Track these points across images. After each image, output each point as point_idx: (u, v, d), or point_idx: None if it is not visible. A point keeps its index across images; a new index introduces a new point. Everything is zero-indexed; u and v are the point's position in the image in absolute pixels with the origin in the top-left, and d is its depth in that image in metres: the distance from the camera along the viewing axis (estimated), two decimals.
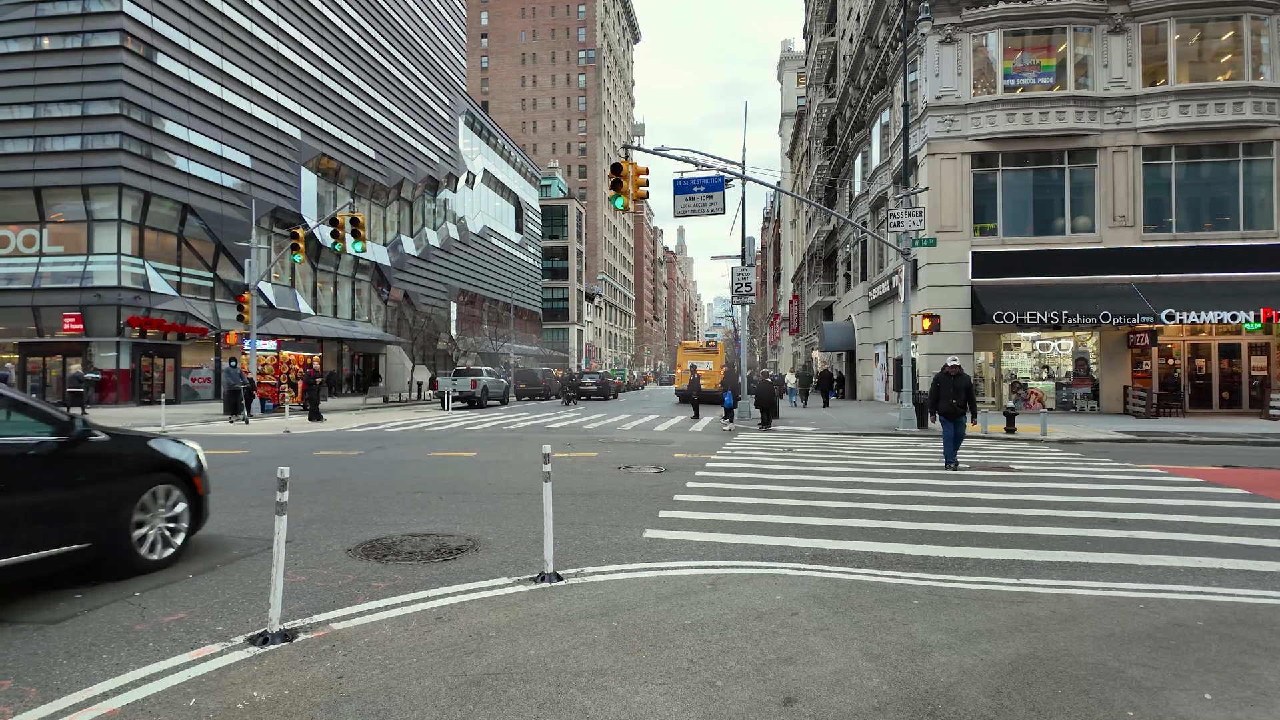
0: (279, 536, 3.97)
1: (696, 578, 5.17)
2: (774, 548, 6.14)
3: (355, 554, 5.87)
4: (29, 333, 29.30)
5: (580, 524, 7.01)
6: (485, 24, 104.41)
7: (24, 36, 29.10)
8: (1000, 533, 6.75)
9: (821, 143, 49.15)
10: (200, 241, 33.04)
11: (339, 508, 7.87)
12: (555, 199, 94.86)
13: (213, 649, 3.85)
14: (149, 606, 4.54)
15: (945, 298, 23.42)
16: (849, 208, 35.58)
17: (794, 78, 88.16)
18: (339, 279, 44.96)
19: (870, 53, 33.16)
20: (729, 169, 17.83)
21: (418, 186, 54.02)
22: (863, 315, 34.53)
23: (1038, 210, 24.22)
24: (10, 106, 28.96)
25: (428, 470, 10.98)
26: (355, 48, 45.46)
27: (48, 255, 29.22)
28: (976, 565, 5.69)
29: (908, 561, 5.76)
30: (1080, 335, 24.28)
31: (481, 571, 5.37)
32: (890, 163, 28.44)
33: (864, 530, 6.80)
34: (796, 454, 13.11)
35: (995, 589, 5.02)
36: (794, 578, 5.18)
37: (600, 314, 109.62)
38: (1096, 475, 10.52)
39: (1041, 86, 24.01)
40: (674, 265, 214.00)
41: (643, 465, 11.38)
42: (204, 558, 5.76)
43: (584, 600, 4.66)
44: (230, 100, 34.27)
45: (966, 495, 8.72)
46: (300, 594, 4.81)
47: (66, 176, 28.68)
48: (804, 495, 8.67)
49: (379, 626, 4.19)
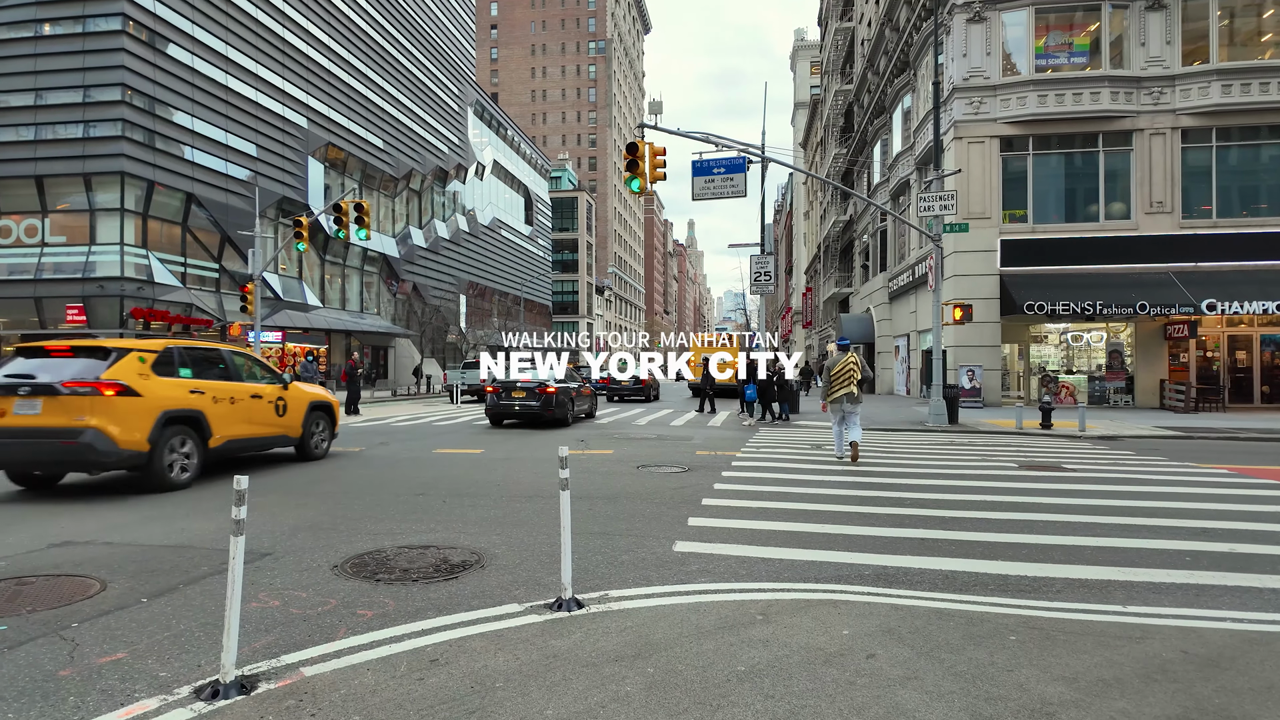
0: (234, 562, 3.17)
1: (743, 604, 4.35)
2: (826, 564, 5.31)
3: (342, 571, 5.08)
4: (31, 324, 28.79)
5: (600, 533, 6.20)
6: (495, 14, 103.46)
7: (25, 22, 28.47)
8: (1083, 545, 5.89)
9: (838, 131, 48.06)
10: (205, 232, 32.41)
11: (330, 512, 7.10)
12: (565, 191, 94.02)
13: (148, 705, 3.06)
14: (84, 642, 3.75)
15: (972, 287, 22.45)
16: (867, 196, 34.55)
17: (807, 67, 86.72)
18: (347, 271, 44.29)
19: (891, 36, 32.09)
20: (749, 150, 16.94)
21: (426, 177, 53.26)
22: (882, 307, 33.55)
23: (1070, 196, 23.20)
24: (11, 94, 28.36)
25: (431, 469, 10.21)
26: (364, 36, 44.68)
27: (50, 245, 28.67)
28: (1068, 587, 4.84)
29: (986, 582, 4.92)
30: (1114, 326, 23.25)
31: (487, 595, 4.57)
32: (913, 148, 27.42)
33: (925, 543, 5.95)
34: (826, 452, 12.27)
35: (1102, 620, 4.18)
36: (859, 605, 4.35)
37: (610, 307, 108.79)
38: (1160, 476, 9.63)
39: (1074, 67, 22.95)
40: (684, 258, 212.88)
41: (663, 464, 10.56)
42: (166, 574, 4.98)
43: (611, 636, 3.85)
44: (236, 88, 33.57)
45: (1026, 500, 7.86)
46: (271, 624, 4.02)
47: (68, 165, 28.07)
48: (846, 500, 7.83)
49: (360, 672, 3.39)
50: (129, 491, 8.24)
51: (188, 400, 8.71)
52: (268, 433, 10.21)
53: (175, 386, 8.62)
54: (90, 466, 7.97)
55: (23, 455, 7.80)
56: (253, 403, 9.82)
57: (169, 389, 8.50)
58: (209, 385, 9.17)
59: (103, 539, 5.99)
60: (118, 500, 7.76)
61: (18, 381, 7.81)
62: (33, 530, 6.30)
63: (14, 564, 5.24)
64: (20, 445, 7.67)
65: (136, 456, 8.00)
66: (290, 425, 10.63)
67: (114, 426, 7.77)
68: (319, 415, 11.33)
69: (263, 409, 10.02)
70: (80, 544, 5.82)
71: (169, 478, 8.32)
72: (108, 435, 7.71)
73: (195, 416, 8.77)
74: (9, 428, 7.64)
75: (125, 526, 6.45)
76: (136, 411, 8.00)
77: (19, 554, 5.51)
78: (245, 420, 9.66)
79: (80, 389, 7.74)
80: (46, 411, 7.67)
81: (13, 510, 7.20)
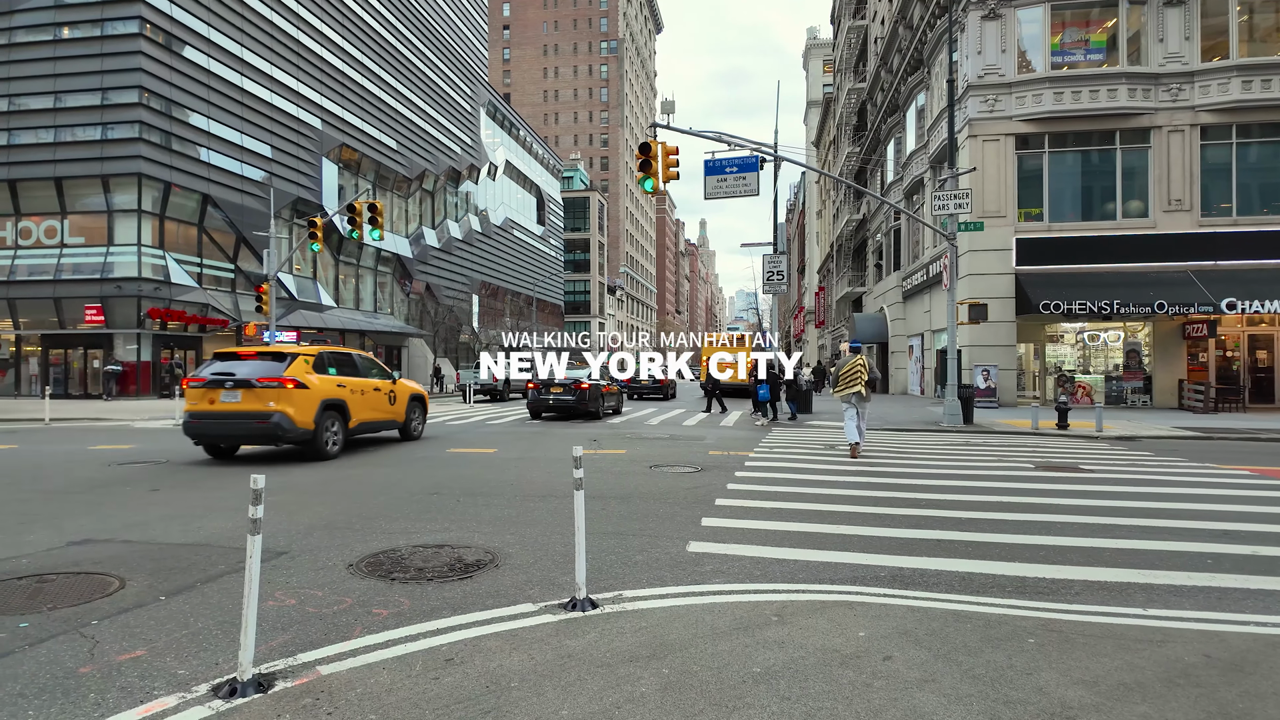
0: (251, 561, 3.19)
1: (758, 605, 4.33)
2: (842, 565, 5.27)
3: (357, 570, 5.10)
4: (51, 324, 29.14)
5: (614, 533, 6.20)
6: (507, 15, 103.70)
7: (44, 26, 28.82)
8: (1101, 547, 5.82)
9: (851, 129, 47.83)
10: (221, 232, 32.68)
11: (346, 511, 7.13)
12: (577, 190, 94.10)
13: (166, 703, 3.08)
14: (104, 639, 3.79)
15: (987, 287, 22.28)
16: (881, 195, 34.34)
17: (819, 65, 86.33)
18: (361, 271, 44.56)
19: (904, 34, 31.90)
20: (761, 149, 16.89)
21: (439, 178, 53.48)
22: (896, 306, 33.36)
23: (1086, 194, 22.98)
24: (31, 96, 28.71)
25: (445, 468, 10.24)
26: (377, 37, 44.92)
27: (69, 246, 29.01)
28: (1087, 589, 4.79)
29: (1004, 584, 4.87)
30: (1131, 326, 23.01)
31: (501, 594, 4.57)
32: (927, 146, 27.25)
33: (941, 544, 5.90)
34: (840, 452, 12.21)
35: (1123, 623, 4.13)
36: (875, 607, 4.32)
37: (622, 307, 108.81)
38: (1179, 478, 9.51)
39: (1091, 63, 22.73)
40: (696, 258, 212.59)
41: (676, 464, 10.55)
42: (184, 572, 5.02)
43: (625, 636, 3.84)
44: (251, 90, 33.84)
45: (1043, 501, 7.79)
46: (287, 623, 4.05)
47: (87, 167, 28.39)
48: (861, 500, 7.78)
49: (376, 671, 3.40)
50: (208, 479, 8.32)
51: (336, 392, 11.42)
52: (384, 418, 12.91)
53: (328, 381, 11.31)
54: (276, 440, 10.65)
55: (227, 431, 10.75)
56: (375, 394, 12.57)
57: (325, 383, 11.20)
58: (348, 380, 11.80)
59: (121, 537, 6.05)
60: (137, 499, 7.84)
61: (223, 377, 10.64)
62: (53, 528, 6.37)
63: (35, 561, 5.30)
64: (226, 423, 10.61)
65: (306, 433, 10.69)
66: (397, 412, 13.35)
67: (293, 410, 10.50)
68: (416, 404, 14.11)
69: (381, 399, 12.76)
70: (100, 542, 5.88)
71: (326, 450, 11.04)
72: (289, 417, 10.47)
73: (341, 404, 11.49)
74: (217, 411, 10.57)
75: (143, 525, 6.51)
76: (306, 400, 10.72)
77: (39, 552, 5.57)
78: (371, 408, 12.42)
79: (270, 383, 10.48)
80: (245, 400, 10.49)
81: (33, 508, 7.28)
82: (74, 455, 11.70)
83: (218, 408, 10.56)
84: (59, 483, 8.84)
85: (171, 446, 12.90)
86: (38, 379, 29.21)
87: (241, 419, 10.51)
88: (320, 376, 11.15)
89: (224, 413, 10.55)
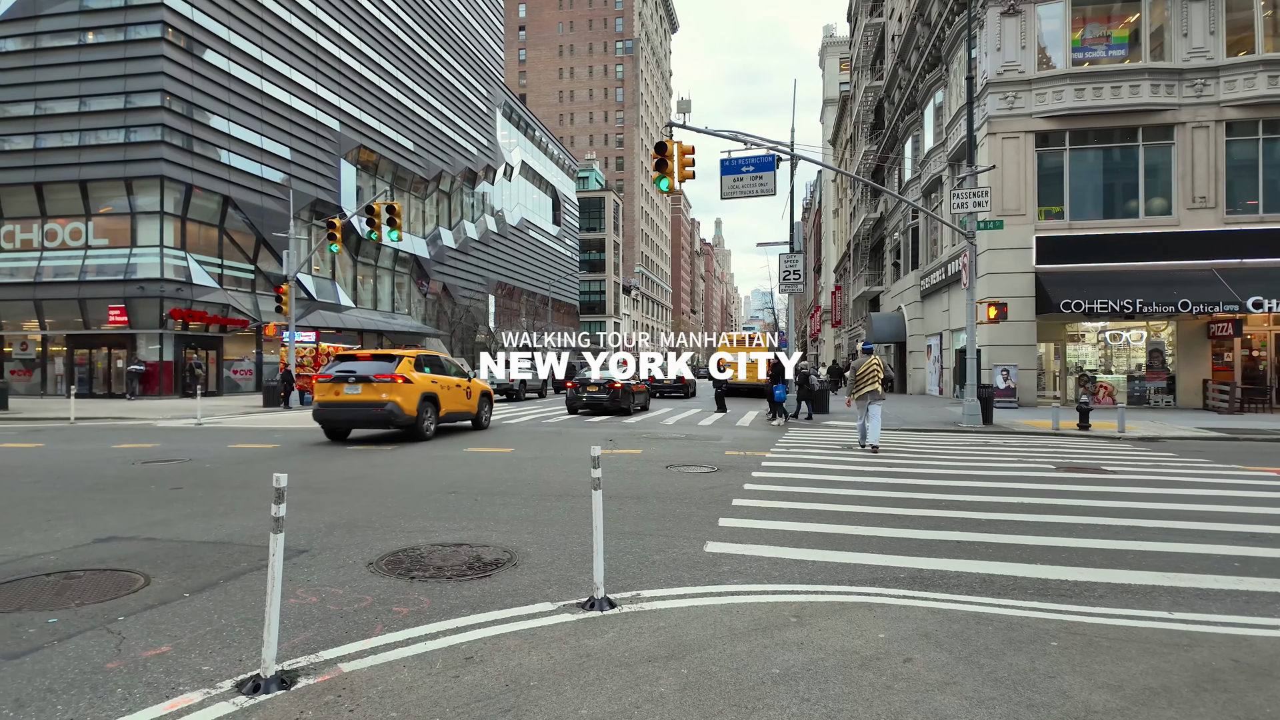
0: (274, 559, 3.22)
1: (776, 607, 4.31)
2: (861, 567, 5.24)
3: (377, 568, 5.14)
4: (76, 325, 29.59)
5: (631, 533, 6.20)
6: (523, 16, 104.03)
7: (69, 31, 29.27)
8: (1125, 549, 5.75)
9: (868, 127, 47.53)
10: (241, 234, 33.04)
11: (366, 510, 7.19)
12: (592, 191, 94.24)
13: (191, 698, 3.12)
14: (130, 635, 3.84)
15: (1007, 286, 22.04)
16: (899, 193, 34.07)
17: (836, 63, 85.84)
18: (379, 272, 44.88)
19: (922, 30, 31.65)
20: (778, 148, 16.81)
21: (456, 179, 53.75)
22: (914, 305, 33.10)
23: (1108, 192, 22.67)
24: (57, 101, 29.18)
25: (462, 467, 10.29)
26: (394, 40, 45.22)
27: (93, 248, 29.43)
28: (1111, 592, 4.73)
29: (1026, 586, 4.82)
30: (1154, 325, 22.68)
31: (520, 594, 4.59)
32: (945, 144, 27.02)
33: (962, 545, 5.85)
34: (858, 453, 12.14)
35: (1148, 626, 4.07)
36: (895, 608, 4.29)
37: (638, 307, 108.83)
38: (1204, 479, 9.36)
39: (1112, 59, 22.43)
40: (711, 257, 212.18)
41: (692, 464, 10.53)
42: (207, 570, 5.08)
43: (643, 636, 3.84)
44: (270, 92, 34.18)
45: (1065, 502, 7.70)
46: (309, 621, 4.08)
47: (110, 169, 28.80)
48: (879, 501, 7.74)
49: (397, 668, 3.43)
50: (229, 477, 8.43)
51: (431, 387, 14.02)
52: (463, 409, 15.38)
53: (425, 378, 13.94)
54: (387, 424, 13.25)
55: (349, 416, 13.45)
56: (457, 390, 15.13)
57: (423, 379, 13.86)
58: (438, 378, 14.43)
59: (145, 534, 6.13)
60: (160, 497, 7.94)
61: (346, 373, 13.44)
62: (79, 526, 6.47)
63: (62, 558, 5.39)
64: (348, 410, 13.32)
65: (410, 419, 13.30)
66: (472, 405, 15.80)
67: (401, 400, 13.15)
68: (485, 399, 16.52)
69: (461, 394, 15.28)
70: (124, 539, 5.97)
71: (425, 433, 13.71)
72: (399, 406, 13.09)
73: (435, 397, 14.12)
74: (341, 401, 13.30)
75: (167, 523, 6.60)
76: (410, 392, 13.38)
77: (66, 549, 5.66)
78: (454, 401, 14.95)
79: (384, 378, 13.18)
80: (364, 392, 13.17)
81: (60, 506, 7.40)
82: (98, 454, 11.88)
83: (342, 398, 13.28)
84: (84, 481, 8.98)
85: (193, 445, 13.06)
86: (63, 378, 29.66)
87: (361, 407, 13.14)
88: (419, 374, 13.73)
89: (347, 402, 13.25)
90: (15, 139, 29.50)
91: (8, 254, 29.96)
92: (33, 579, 4.86)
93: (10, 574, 4.99)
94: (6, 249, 30.03)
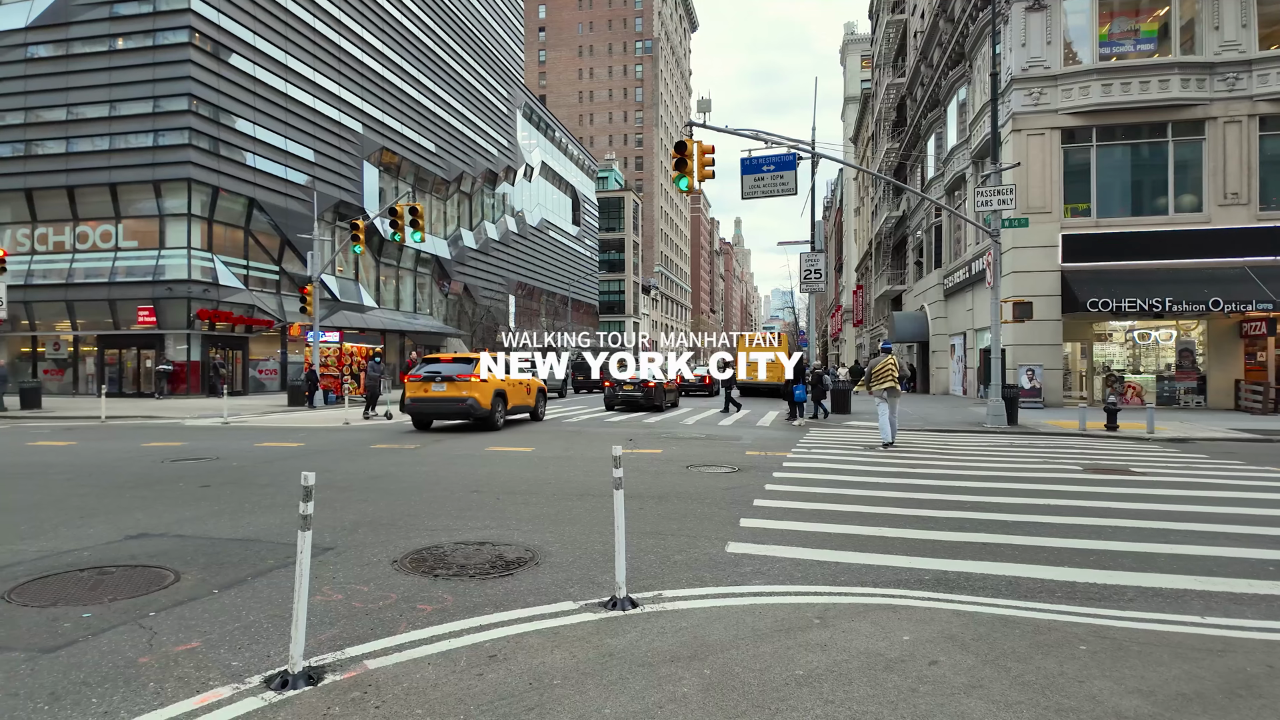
0: (302, 556, 3.27)
1: (799, 608, 4.29)
2: (884, 569, 5.20)
3: (401, 566, 5.19)
4: (106, 325, 30.16)
5: (652, 533, 6.20)
6: (543, 17, 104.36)
7: (99, 37, 29.83)
8: (1155, 552, 5.65)
9: (890, 125, 47.12)
10: (266, 235, 33.49)
11: (390, 508, 7.26)
12: (612, 191, 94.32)
13: (221, 693, 3.17)
14: (161, 631, 3.91)
15: (1032, 284, 21.74)
16: (921, 191, 33.74)
17: (857, 61, 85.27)
18: (401, 272, 45.27)
19: (945, 27, 31.32)
20: (799, 146, 16.72)
21: (477, 180, 54.05)
22: (937, 304, 32.76)
23: (1136, 189, 22.29)
24: (88, 105, 29.76)
25: (484, 466, 10.36)
26: (416, 42, 45.57)
27: (123, 250, 29.97)
28: (1140, 596, 4.65)
29: (1053, 589, 4.75)
30: (1184, 324, 22.26)
31: (542, 592, 4.61)
32: (969, 142, 26.72)
33: (987, 547, 5.78)
34: (880, 453, 12.04)
35: (1180, 631, 4.00)
36: (920, 610, 4.25)
37: (657, 307, 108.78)
38: (1237, 481, 9.17)
39: (1141, 54, 22.04)
40: (731, 257, 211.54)
41: (713, 464, 10.51)
42: (235, 567, 5.16)
43: (666, 636, 3.84)
44: (294, 95, 34.59)
45: (1092, 504, 7.58)
46: (335, 618, 4.13)
47: (139, 173, 29.31)
48: (903, 502, 7.67)
49: (421, 666, 3.46)
50: (255, 476, 8.57)
51: (501, 384, 16.35)
52: (523, 404, 17.84)
53: (495, 377, 16.15)
54: (468, 416, 15.64)
55: (436, 409, 15.86)
56: (520, 386, 17.59)
57: (494, 378, 16.06)
58: (506, 377, 16.65)
59: (175, 532, 6.24)
60: (189, 495, 8.08)
61: (433, 374, 15.94)
62: (110, 523, 6.60)
63: (95, 554, 5.50)
64: (436, 404, 15.73)
65: (486, 412, 15.61)
66: (531, 400, 18.21)
67: (479, 396, 15.46)
68: (540, 395, 18.92)
69: (523, 390, 17.80)
70: (155, 536, 6.08)
71: (497, 424, 16.08)
72: (478, 400, 15.44)
73: (504, 392, 16.49)
74: (430, 396, 15.71)
75: (196, 520, 6.71)
76: (486, 389, 15.70)
77: (99, 545, 5.78)
78: (518, 396, 17.42)
79: (465, 378, 15.57)
80: (448, 389, 15.54)
81: (91, 503, 7.56)
82: (128, 452, 12.10)
83: (430, 394, 15.72)
84: (115, 478, 9.16)
85: (220, 444, 13.26)
86: (94, 378, 30.24)
87: (446, 401, 15.56)
88: (490, 373, 16.11)
89: (434, 398, 15.67)
90: (48, 143, 30.13)
91: (41, 256, 30.61)
92: (68, 574, 4.97)
93: (46, 569, 5.11)
94: (40, 251, 30.68)
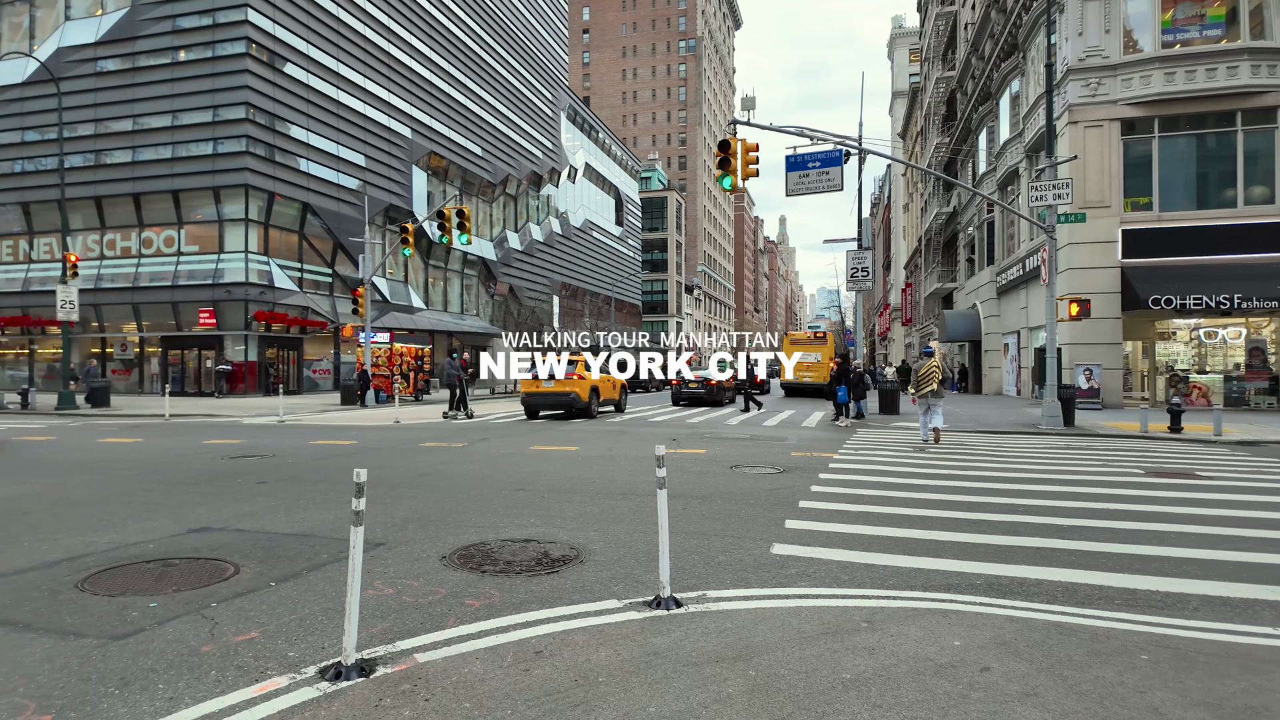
0: (354, 551, 3.36)
1: (846, 611, 4.24)
2: (934, 572, 5.10)
3: (450, 562, 5.28)
4: (169, 327, 31.41)
5: (696, 533, 6.19)
6: (587, 19, 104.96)
7: (162, 50, 31.07)
8: (1222, 560, 5.42)
9: (939, 119, 46.12)
10: (319, 239, 34.44)
11: (438, 505, 7.40)
12: (655, 190, 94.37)
13: (279, 682, 3.28)
14: (222, 621, 4.07)
15: (1089, 281, 21.05)
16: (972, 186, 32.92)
17: (905, 55, 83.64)
18: (449, 274, 46.06)
19: (997, 18, 30.50)
20: (845, 142, 16.49)
21: (522, 182, 54.68)
22: (989, 303, 31.94)
23: (1201, 181, 21.38)
24: (152, 116, 31.03)
25: (529, 465, 10.48)
26: (463, 47, 46.31)
27: (185, 254, 31.17)
28: (1206, 605, 4.46)
29: (1112, 596, 4.60)
30: (1255, 321, 21.28)
31: (587, 590, 4.64)
32: (1022, 135, 25.98)
33: (1041, 552, 5.62)
34: (930, 455, 11.80)
35: (1249, 642, 3.83)
36: (971, 616, 4.16)
37: (700, 306, 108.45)
38: None
39: (1207, 40, 21.12)
40: (775, 255, 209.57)
41: (757, 465, 10.44)
42: (290, 560, 5.33)
43: (710, 636, 3.83)
44: (346, 102, 35.50)
45: (1154, 509, 7.30)
46: (386, 612, 4.23)
47: (199, 180, 30.44)
48: (953, 505, 7.50)
49: (469, 660, 3.52)
50: (308, 472, 8.86)
51: (595, 380, 19.54)
52: (611, 397, 21.14)
53: (590, 374, 19.32)
54: (571, 408, 18.70)
55: (545, 402, 18.96)
56: (608, 382, 20.89)
57: (590, 376, 19.35)
58: (599, 374, 20.00)
59: (234, 526, 6.47)
60: (246, 491, 8.36)
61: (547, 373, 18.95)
62: (173, 517, 6.87)
63: (159, 547, 5.74)
64: (545, 398, 18.89)
65: (585, 404, 18.88)
66: (616, 394, 21.57)
67: (580, 391, 18.73)
68: (624, 390, 22.33)
69: (610, 386, 21.03)
70: (215, 530, 6.31)
71: (593, 414, 19.19)
72: (578, 394, 18.65)
73: (598, 388, 19.71)
74: (540, 391, 18.93)
75: (253, 515, 6.94)
76: (585, 385, 18.94)
77: (163, 538, 6.03)
78: (607, 391, 20.75)
79: (569, 376, 18.84)
80: (555, 385, 18.72)
81: (156, 498, 7.88)
82: (190, 449, 12.58)
83: (540, 389, 18.92)
84: (178, 474, 9.53)
85: (276, 442, 13.68)
86: (158, 377, 31.54)
87: (554, 395, 18.74)
88: (588, 371, 19.32)
89: (544, 392, 18.91)
90: (115, 153, 31.50)
91: (110, 261, 32.03)
92: (135, 565, 5.20)
93: (116, 560, 5.35)
94: (109, 256, 32.11)
